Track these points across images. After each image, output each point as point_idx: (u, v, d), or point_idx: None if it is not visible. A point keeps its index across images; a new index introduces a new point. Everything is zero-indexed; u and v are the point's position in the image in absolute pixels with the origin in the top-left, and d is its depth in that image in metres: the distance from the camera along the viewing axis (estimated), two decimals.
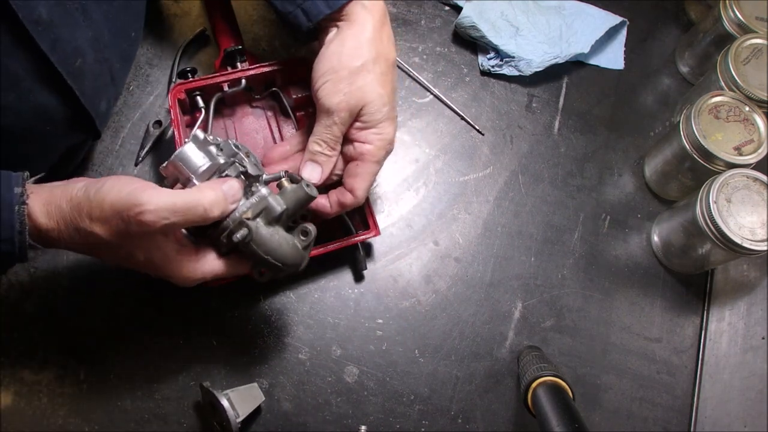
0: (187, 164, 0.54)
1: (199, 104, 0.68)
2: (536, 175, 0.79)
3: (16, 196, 0.47)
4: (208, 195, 0.50)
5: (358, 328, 0.69)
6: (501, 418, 0.68)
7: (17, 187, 0.48)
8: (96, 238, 0.48)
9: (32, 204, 0.48)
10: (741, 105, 0.70)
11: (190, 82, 0.67)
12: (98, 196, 0.48)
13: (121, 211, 0.47)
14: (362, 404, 0.66)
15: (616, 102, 0.85)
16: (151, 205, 0.47)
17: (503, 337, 0.71)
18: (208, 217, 0.50)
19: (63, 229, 0.49)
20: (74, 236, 0.49)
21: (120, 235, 0.48)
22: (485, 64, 0.83)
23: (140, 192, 0.48)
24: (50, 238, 0.49)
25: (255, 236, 0.53)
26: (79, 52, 0.54)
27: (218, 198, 0.50)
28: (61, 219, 0.49)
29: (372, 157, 0.59)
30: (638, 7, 0.90)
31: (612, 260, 0.76)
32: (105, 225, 0.48)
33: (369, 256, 0.73)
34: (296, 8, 0.59)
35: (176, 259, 0.53)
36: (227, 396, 0.59)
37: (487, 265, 0.74)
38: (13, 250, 0.48)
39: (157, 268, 0.53)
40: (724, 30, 0.75)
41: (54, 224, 0.49)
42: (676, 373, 0.72)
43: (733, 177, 0.65)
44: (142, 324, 0.66)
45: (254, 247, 0.53)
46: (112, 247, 0.50)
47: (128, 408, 0.63)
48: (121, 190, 0.48)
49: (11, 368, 0.63)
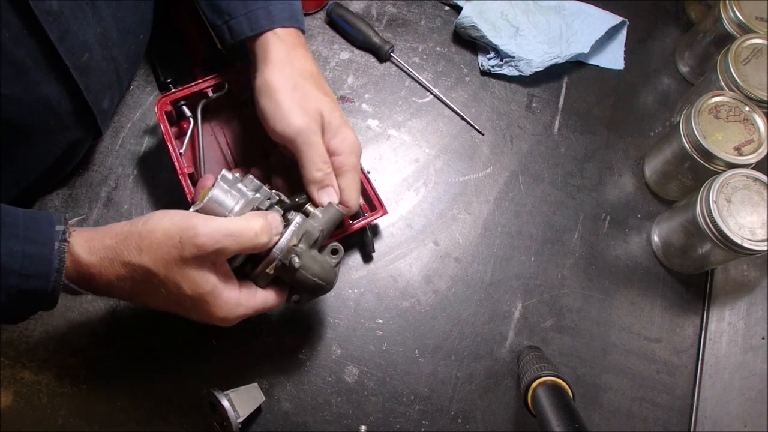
0: (221, 205, 0.53)
1: (186, 113, 0.68)
2: (536, 175, 0.79)
3: (58, 233, 0.46)
4: (258, 221, 0.50)
5: (358, 328, 0.69)
6: (501, 418, 0.68)
7: (59, 224, 0.47)
8: (143, 271, 0.48)
9: (74, 241, 0.48)
10: (741, 105, 0.70)
11: (174, 93, 0.67)
12: (147, 227, 0.48)
13: (174, 236, 0.47)
14: (362, 404, 0.66)
15: (616, 102, 0.85)
16: (206, 228, 0.48)
17: (503, 337, 0.71)
18: (257, 243, 0.50)
19: (106, 265, 0.48)
20: (118, 272, 0.48)
21: (170, 263, 0.48)
22: (485, 64, 0.83)
23: (192, 217, 0.49)
24: (89, 276, 0.48)
25: (304, 261, 0.53)
26: (86, 46, 0.55)
27: (266, 225, 0.51)
28: (105, 254, 0.48)
29: (347, 166, 0.59)
30: (638, 7, 0.90)
31: (612, 260, 0.76)
32: (155, 254, 0.47)
33: (377, 235, 0.73)
34: (223, 24, 0.62)
35: (224, 291, 0.51)
36: (228, 396, 0.59)
37: (487, 265, 0.74)
38: (46, 289, 0.46)
39: (203, 304, 0.51)
40: (724, 30, 0.75)
41: (96, 260, 0.48)
42: (676, 373, 0.72)
43: (733, 177, 0.65)
44: (142, 324, 0.66)
45: (303, 273, 0.53)
46: (159, 282, 0.49)
47: (128, 408, 0.63)
48: (172, 218, 0.48)
49: (11, 368, 0.63)
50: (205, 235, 0.48)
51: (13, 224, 0.45)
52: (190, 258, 0.48)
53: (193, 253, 0.48)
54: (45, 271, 0.46)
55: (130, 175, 0.72)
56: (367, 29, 0.81)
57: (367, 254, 0.72)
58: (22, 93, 0.51)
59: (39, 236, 0.46)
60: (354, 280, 0.71)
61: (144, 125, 0.74)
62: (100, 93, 0.60)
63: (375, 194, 0.68)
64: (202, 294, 0.50)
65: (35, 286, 0.46)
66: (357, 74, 0.81)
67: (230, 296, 0.52)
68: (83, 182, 0.71)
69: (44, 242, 0.46)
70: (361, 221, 0.67)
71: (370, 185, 0.68)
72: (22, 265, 0.45)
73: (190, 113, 0.68)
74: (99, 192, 0.70)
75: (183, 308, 0.51)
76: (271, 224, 0.52)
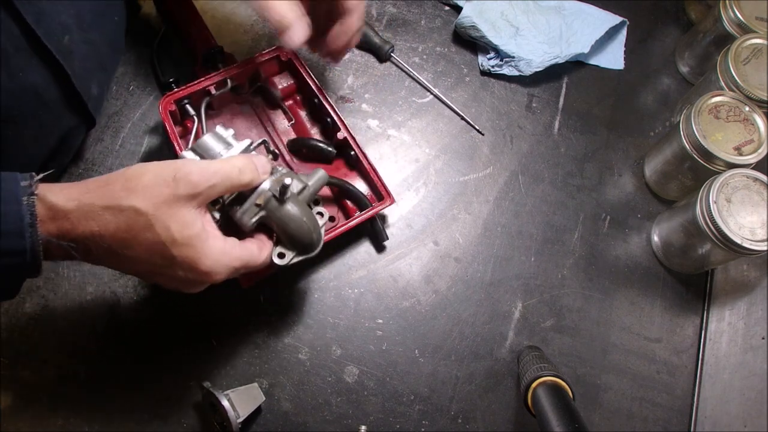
0: (210, 150, 0.55)
1: (190, 112, 0.68)
2: (536, 175, 0.79)
3: (24, 189, 0.43)
4: (240, 160, 0.51)
5: (358, 328, 0.69)
6: (501, 418, 0.68)
7: (24, 180, 0.44)
8: (130, 211, 0.45)
9: (47, 191, 0.45)
10: (741, 105, 0.70)
11: (177, 92, 0.67)
12: (133, 171, 0.47)
13: (167, 175, 0.46)
14: (362, 404, 0.66)
15: (616, 102, 0.85)
16: (196, 167, 0.48)
17: (503, 337, 0.71)
18: (242, 181, 0.51)
19: (85, 211, 0.45)
20: (100, 218, 0.45)
21: (161, 203, 0.46)
22: (485, 64, 0.83)
23: (181, 160, 0.49)
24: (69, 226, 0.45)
25: (292, 200, 0.54)
26: (65, 28, 0.54)
27: (249, 164, 0.51)
28: (85, 200, 0.45)
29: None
30: (638, 7, 0.90)
31: (612, 260, 0.76)
32: (145, 194, 0.46)
33: (386, 224, 0.74)
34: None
35: (210, 236, 0.50)
36: (228, 396, 0.59)
37: (487, 265, 0.74)
38: (24, 247, 0.43)
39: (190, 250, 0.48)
40: (724, 30, 0.76)
41: (74, 206, 0.45)
42: (676, 373, 0.72)
43: (733, 177, 0.65)
44: (142, 324, 0.66)
45: (291, 211, 0.54)
46: (146, 224, 0.46)
47: (128, 408, 0.63)
48: (159, 163, 0.48)
49: (11, 368, 0.63)
50: (198, 173, 0.47)
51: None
52: (183, 196, 0.47)
53: (187, 190, 0.47)
54: (17, 227, 0.43)
55: None
56: (367, 29, 0.81)
57: (379, 244, 0.72)
58: (6, 81, 0.50)
59: (4, 195, 0.43)
60: (354, 280, 0.71)
61: (144, 125, 0.74)
62: (87, 77, 0.59)
63: (382, 184, 0.68)
64: (190, 237, 0.48)
65: (11, 245, 0.43)
66: (357, 74, 0.81)
67: (216, 242, 0.50)
68: None
69: (10, 200, 0.43)
70: (369, 212, 0.67)
71: (377, 175, 0.68)
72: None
73: (193, 111, 0.68)
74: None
75: (168, 260, 0.48)
76: (256, 164, 0.53)
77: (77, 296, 0.66)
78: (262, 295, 0.68)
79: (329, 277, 0.71)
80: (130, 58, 0.77)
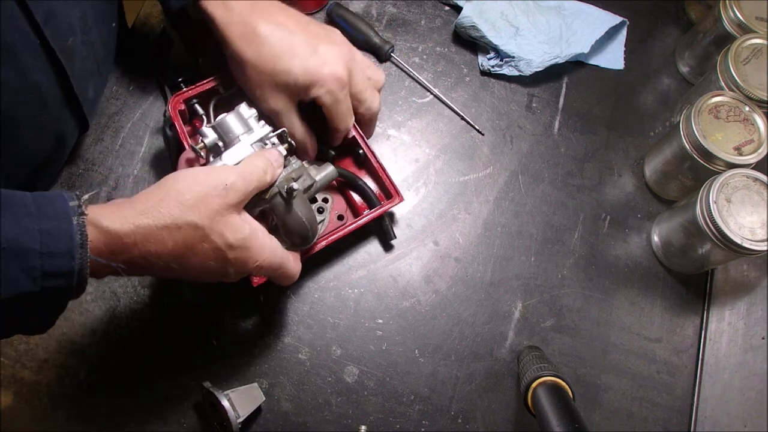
0: (227, 133, 0.58)
1: (199, 112, 0.68)
2: (536, 175, 0.79)
3: (73, 208, 0.42)
4: (260, 161, 0.54)
5: (358, 328, 0.69)
6: (501, 418, 0.68)
7: (72, 200, 0.43)
8: (188, 227, 0.47)
9: (98, 213, 0.44)
10: (741, 105, 0.70)
11: (187, 92, 0.67)
12: (182, 185, 0.48)
13: (218, 185, 0.48)
14: (362, 404, 0.66)
15: (616, 102, 0.85)
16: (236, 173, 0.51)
17: (503, 337, 0.71)
18: (266, 182, 0.53)
19: (142, 233, 0.45)
20: (157, 236, 0.46)
21: (214, 214, 0.48)
22: (485, 64, 0.83)
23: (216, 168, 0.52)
24: (123, 247, 0.45)
25: (298, 198, 0.56)
26: (71, 29, 0.54)
27: (268, 164, 0.54)
28: (140, 222, 0.45)
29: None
30: (638, 7, 0.90)
31: (612, 260, 0.76)
32: (200, 207, 0.47)
33: (393, 223, 0.74)
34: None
35: (258, 232, 0.53)
36: (228, 396, 0.59)
37: (487, 265, 0.74)
38: (72, 268, 0.42)
39: (246, 251, 0.51)
40: (724, 30, 0.75)
41: (130, 228, 0.45)
42: (676, 373, 0.72)
43: (733, 177, 0.65)
44: (142, 324, 0.66)
45: (290, 209, 0.55)
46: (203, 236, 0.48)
47: (128, 408, 0.63)
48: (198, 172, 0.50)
49: (11, 368, 0.63)
50: (241, 180, 0.50)
51: (22, 204, 0.41)
52: (233, 204, 0.49)
53: (237, 198, 0.49)
54: (68, 247, 0.41)
55: (130, 175, 0.72)
56: (367, 29, 0.81)
57: (387, 242, 0.73)
58: (14, 79, 0.50)
59: (54, 212, 0.42)
60: (354, 280, 0.71)
61: (144, 125, 0.74)
62: (84, 80, 0.60)
63: (391, 182, 0.68)
64: (244, 239, 0.50)
65: (60, 266, 0.41)
66: None
67: (265, 239, 0.53)
68: (83, 182, 0.71)
69: (61, 218, 0.42)
70: (378, 210, 0.67)
71: (385, 173, 0.69)
72: (42, 244, 0.40)
73: (202, 111, 0.68)
74: (99, 192, 0.71)
75: (222, 262, 0.50)
76: (270, 160, 0.55)
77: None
78: (262, 295, 0.68)
79: (329, 277, 0.71)
80: (130, 58, 0.77)
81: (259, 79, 0.60)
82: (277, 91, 0.60)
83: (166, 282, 0.68)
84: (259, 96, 0.61)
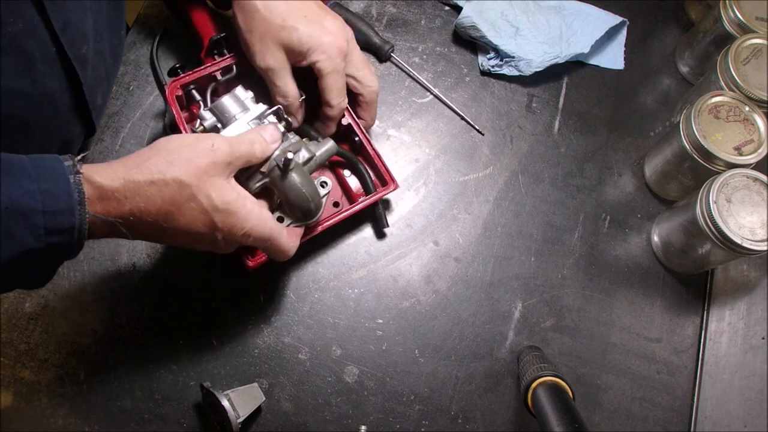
0: (224, 114, 0.60)
1: (196, 98, 0.68)
2: (536, 175, 0.79)
3: (69, 168, 0.44)
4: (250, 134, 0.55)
5: (358, 328, 0.69)
6: (501, 418, 0.68)
7: (66, 160, 0.45)
8: (175, 183, 0.48)
9: (91, 171, 0.46)
10: (741, 105, 0.70)
11: (183, 77, 0.67)
12: (174, 144, 0.49)
13: (206, 145, 0.49)
14: (362, 404, 0.66)
15: (616, 102, 0.85)
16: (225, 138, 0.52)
17: (503, 337, 0.71)
18: (254, 154, 0.54)
19: (131, 188, 0.46)
20: (146, 192, 0.47)
21: (202, 173, 0.49)
22: (485, 64, 0.83)
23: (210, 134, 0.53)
24: (115, 203, 0.46)
25: (296, 170, 0.56)
26: (85, 38, 0.55)
27: (258, 137, 0.55)
28: (129, 177, 0.47)
29: None
30: (638, 7, 0.90)
31: (612, 260, 0.76)
32: (188, 164, 0.48)
33: (388, 210, 0.74)
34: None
35: (246, 199, 0.53)
36: (228, 396, 0.59)
37: (487, 265, 0.74)
38: (73, 225, 0.44)
39: (232, 216, 0.51)
40: (724, 30, 0.75)
41: (119, 184, 0.46)
42: (676, 373, 0.72)
43: (733, 177, 0.65)
44: (142, 324, 0.66)
45: (294, 179, 0.56)
46: (190, 195, 0.49)
47: (128, 408, 0.63)
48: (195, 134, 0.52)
49: (11, 368, 0.63)
50: (228, 144, 0.51)
51: (21, 166, 0.43)
52: (220, 164, 0.50)
53: (224, 159, 0.50)
54: (68, 205, 0.44)
55: None
56: (367, 29, 0.81)
57: (380, 230, 0.73)
58: (30, 86, 0.51)
59: (52, 173, 0.44)
60: (354, 280, 0.71)
61: (144, 125, 0.74)
62: (95, 87, 0.60)
63: (386, 169, 0.68)
64: (229, 203, 0.51)
65: (62, 223, 0.43)
66: None
67: (253, 208, 0.53)
68: None
69: (59, 178, 0.44)
70: (373, 196, 0.67)
71: (381, 161, 0.69)
72: (44, 203, 0.42)
73: (199, 97, 0.68)
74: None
75: (210, 226, 0.51)
76: (264, 136, 0.56)
77: (77, 296, 0.66)
78: (262, 295, 0.68)
79: (329, 277, 0.71)
80: (130, 58, 0.77)
81: (264, 30, 0.61)
82: (278, 47, 0.61)
83: (166, 282, 0.68)
84: (259, 50, 0.62)
